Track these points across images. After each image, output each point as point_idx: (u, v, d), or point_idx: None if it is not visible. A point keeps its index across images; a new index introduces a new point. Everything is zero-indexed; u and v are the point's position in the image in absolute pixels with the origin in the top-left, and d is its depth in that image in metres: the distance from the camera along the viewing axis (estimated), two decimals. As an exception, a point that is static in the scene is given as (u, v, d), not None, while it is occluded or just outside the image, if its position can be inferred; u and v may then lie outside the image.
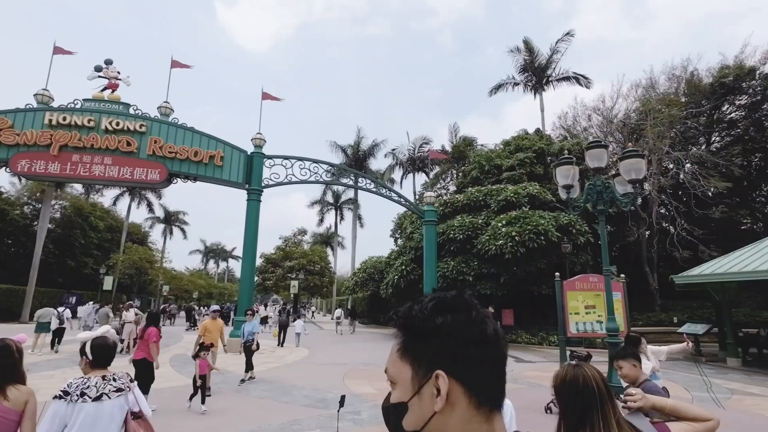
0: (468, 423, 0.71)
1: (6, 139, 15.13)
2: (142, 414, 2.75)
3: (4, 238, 38.60)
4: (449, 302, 0.77)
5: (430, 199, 18.57)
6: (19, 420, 2.53)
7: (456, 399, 0.71)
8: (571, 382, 1.55)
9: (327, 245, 53.96)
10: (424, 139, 36.51)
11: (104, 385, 2.61)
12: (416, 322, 0.77)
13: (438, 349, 0.74)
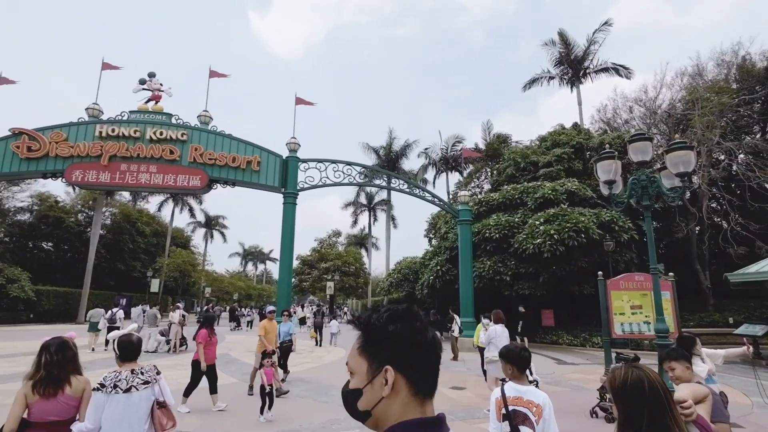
0: (406, 406, 0.94)
1: (62, 152, 16.18)
2: (167, 403, 3.10)
3: (61, 244, 41.25)
4: (400, 314, 1.00)
5: (465, 198, 18.35)
6: (78, 405, 2.96)
7: (399, 388, 0.94)
8: (635, 384, 1.46)
9: (361, 246, 54.38)
10: (456, 138, 36.12)
11: (133, 378, 2.97)
12: (373, 329, 0.99)
13: (389, 350, 0.96)
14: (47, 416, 2.87)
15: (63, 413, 2.91)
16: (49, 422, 2.87)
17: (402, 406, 0.94)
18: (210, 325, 7.85)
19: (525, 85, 32.66)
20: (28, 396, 2.87)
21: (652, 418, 1.40)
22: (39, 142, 16.16)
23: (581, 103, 30.06)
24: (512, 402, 2.71)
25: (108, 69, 18.31)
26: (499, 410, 2.74)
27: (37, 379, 2.89)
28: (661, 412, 1.40)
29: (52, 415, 2.88)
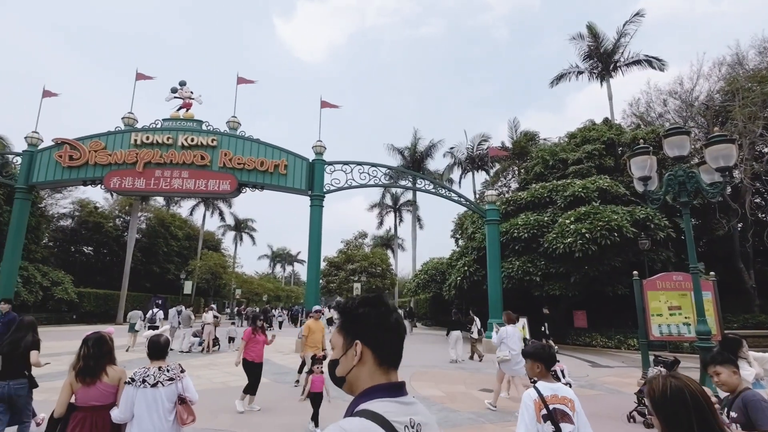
0: (373, 374, 1.17)
1: (100, 160, 16.92)
2: (188, 399, 3.44)
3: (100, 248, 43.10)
4: (369, 300, 1.24)
5: (492, 197, 18.10)
6: (115, 392, 3.38)
7: (366, 358, 1.18)
8: (675, 395, 1.41)
9: (387, 247, 54.41)
10: (482, 137, 35.67)
11: (160, 374, 3.32)
12: (348, 311, 1.24)
13: (358, 328, 1.21)
14: (89, 401, 3.31)
15: (102, 399, 3.34)
16: (90, 406, 3.30)
17: (369, 373, 1.17)
18: (254, 323, 7.83)
19: (552, 81, 31.96)
20: (72, 384, 3.33)
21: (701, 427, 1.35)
22: (80, 151, 16.95)
23: (612, 98, 29.16)
24: (550, 400, 2.70)
25: (142, 79, 19.03)
26: (538, 411, 2.68)
27: (78, 369, 3.35)
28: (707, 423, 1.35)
29: (93, 400, 3.31)
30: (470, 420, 6.98)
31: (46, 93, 18.32)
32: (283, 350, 15.99)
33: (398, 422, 1.08)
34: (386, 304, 1.23)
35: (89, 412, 3.29)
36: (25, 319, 5.21)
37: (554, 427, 2.62)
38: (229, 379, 10.21)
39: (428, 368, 12.36)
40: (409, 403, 1.17)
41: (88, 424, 3.24)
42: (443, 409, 7.65)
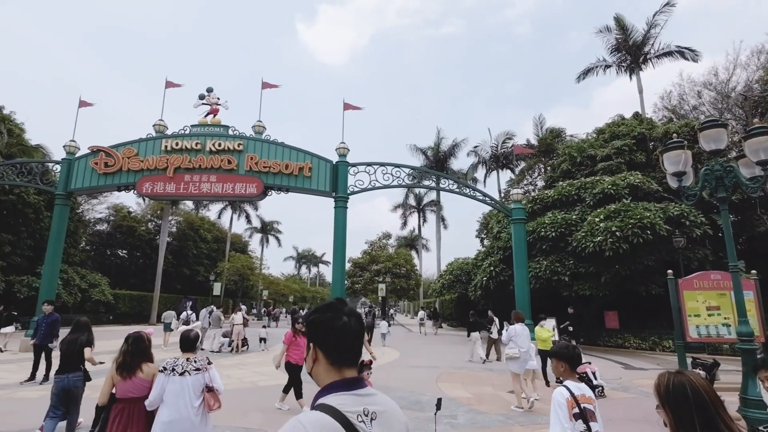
0: (328, 372, 1.31)
1: (133, 166, 17.52)
2: (214, 388, 3.76)
3: (134, 251, 44.65)
4: (320, 308, 1.39)
5: (518, 196, 17.80)
6: (149, 386, 3.71)
7: (320, 359, 1.32)
8: (677, 389, 1.48)
9: (411, 248, 54.28)
10: (507, 135, 35.11)
11: (188, 364, 3.67)
12: (306, 317, 1.42)
13: (312, 332, 1.36)
14: (127, 393, 3.73)
15: (138, 391, 3.73)
16: (128, 398, 3.72)
17: (325, 371, 1.31)
18: (294, 324, 7.77)
19: (578, 76, 31.18)
20: (114, 377, 3.79)
21: (702, 423, 1.40)
22: (114, 158, 17.60)
23: (642, 91, 28.21)
24: (580, 399, 2.75)
25: (171, 87, 19.60)
26: (571, 409, 2.71)
27: (118, 364, 3.81)
28: (709, 418, 1.40)
29: (131, 393, 3.73)
30: (499, 422, 6.88)
31: (82, 103, 19.10)
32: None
33: (350, 412, 1.22)
34: (335, 310, 1.34)
35: (127, 403, 3.71)
36: (81, 319, 5.82)
37: (585, 425, 2.67)
38: (258, 379, 10.40)
39: (455, 369, 12.26)
40: (365, 395, 1.30)
41: (126, 414, 3.66)
42: (470, 410, 7.57)
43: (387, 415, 1.31)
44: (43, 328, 9.70)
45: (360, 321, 1.37)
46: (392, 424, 1.32)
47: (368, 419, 1.24)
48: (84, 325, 5.72)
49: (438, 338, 24.63)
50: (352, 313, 1.36)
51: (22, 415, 6.89)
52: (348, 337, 1.32)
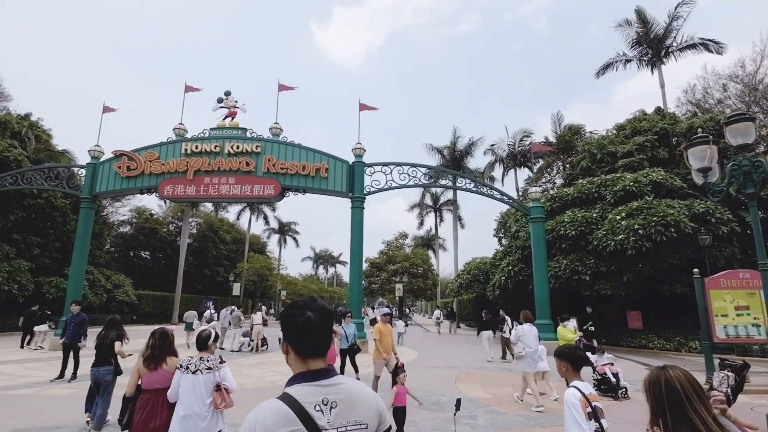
0: (296, 363, 1.44)
1: (155, 169, 17.93)
2: (225, 387, 3.90)
3: (156, 253, 45.64)
4: (289, 305, 1.53)
5: (536, 194, 17.57)
6: (172, 378, 3.94)
7: (290, 351, 1.45)
8: (653, 382, 1.64)
9: (428, 248, 54.10)
10: (524, 132, 34.67)
11: (200, 363, 3.85)
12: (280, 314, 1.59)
13: (282, 327, 1.50)
14: (153, 384, 4.02)
15: (162, 383, 3.99)
16: (154, 389, 4.00)
17: (294, 362, 1.45)
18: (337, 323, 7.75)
19: (598, 71, 30.58)
20: (140, 370, 4.12)
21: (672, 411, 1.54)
22: (136, 161, 18.05)
23: (664, 85, 27.50)
24: (591, 398, 2.82)
25: (190, 91, 19.99)
26: (585, 409, 2.74)
27: (145, 357, 4.12)
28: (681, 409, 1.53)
29: (156, 384, 4.01)
30: (519, 423, 6.80)
31: (106, 108, 19.64)
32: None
33: (308, 402, 1.33)
34: (299, 307, 1.45)
35: (152, 394, 3.98)
36: (113, 317, 6.35)
37: (598, 424, 2.74)
38: (278, 378, 10.51)
39: (474, 369, 12.17)
40: (327, 385, 1.39)
41: (152, 404, 3.94)
42: (490, 411, 7.50)
43: (348, 403, 1.39)
44: (72, 328, 9.99)
45: (325, 316, 1.44)
46: (357, 411, 1.39)
47: (327, 408, 1.35)
48: (115, 321, 6.22)
49: (455, 338, 24.50)
50: (319, 309, 1.44)
51: (50, 412, 7.12)
52: (310, 331, 1.41)
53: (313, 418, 1.31)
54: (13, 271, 22.85)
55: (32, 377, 10.34)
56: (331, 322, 1.50)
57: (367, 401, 1.43)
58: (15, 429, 6.13)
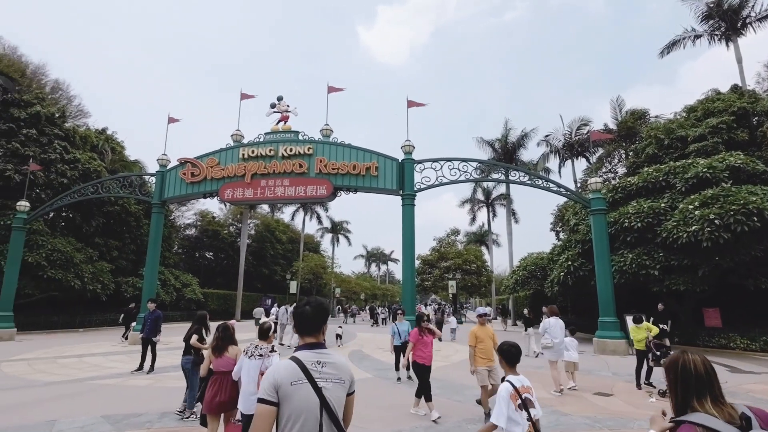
0: (301, 338, 2.14)
1: (215, 174, 18.95)
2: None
3: (219, 253, 48.27)
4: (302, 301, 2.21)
5: (596, 185, 16.66)
6: (233, 362, 4.70)
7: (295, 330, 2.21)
8: (672, 363, 1.77)
9: (481, 244, 52.99)
10: (581, 121, 32.91)
11: (255, 350, 4.46)
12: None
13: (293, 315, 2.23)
14: (219, 367, 4.83)
15: (226, 366, 4.77)
16: (220, 371, 4.79)
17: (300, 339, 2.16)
18: (419, 323, 7.34)
19: (662, 50, 28.38)
20: (210, 356, 5.01)
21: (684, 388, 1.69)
22: (199, 168, 19.17)
23: (741, 61, 25.02)
24: (522, 391, 3.22)
25: (245, 98, 20.91)
26: (515, 401, 3.17)
27: (212, 347, 5.02)
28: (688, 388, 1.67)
29: (221, 367, 4.80)
30: (585, 425, 6.49)
31: (171, 119, 21.02)
32: (383, 346, 16.42)
33: (308, 361, 2.03)
34: (301, 304, 2.19)
35: (219, 375, 4.77)
36: (199, 314, 7.02)
37: (527, 414, 3.14)
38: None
39: (534, 369, 11.78)
40: (320, 353, 2.10)
41: (219, 382, 4.73)
42: (554, 412, 7.22)
43: (333, 365, 2.09)
44: (149, 324, 10.81)
45: (318, 309, 2.17)
46: (339, 371, 2.10)
47: (319, 366, 2.05)
48: (198, 318, 6.92)
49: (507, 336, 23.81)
50: (313, 304, 2.18)
51: (132, 401, 7.74)
52: (304, 318, 2.14)
53: (311, 371, 2.01)
54: (97, 272, 25.09)
55: (115, 368, 11.31)
56: (323, 313, 2.18)
57: (345, 368, 2.15)
58: (104, 415, 6.73)
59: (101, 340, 18.71)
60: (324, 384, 2.01)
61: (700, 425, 1.54)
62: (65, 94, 34.47)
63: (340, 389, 2.06)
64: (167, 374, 10.16)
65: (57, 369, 11.23)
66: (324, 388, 2.00)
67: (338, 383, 2.06)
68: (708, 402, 1.61)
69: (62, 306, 24.75)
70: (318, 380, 1.99)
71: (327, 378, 2.03)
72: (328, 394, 1.99)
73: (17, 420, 6.44)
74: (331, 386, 2.03)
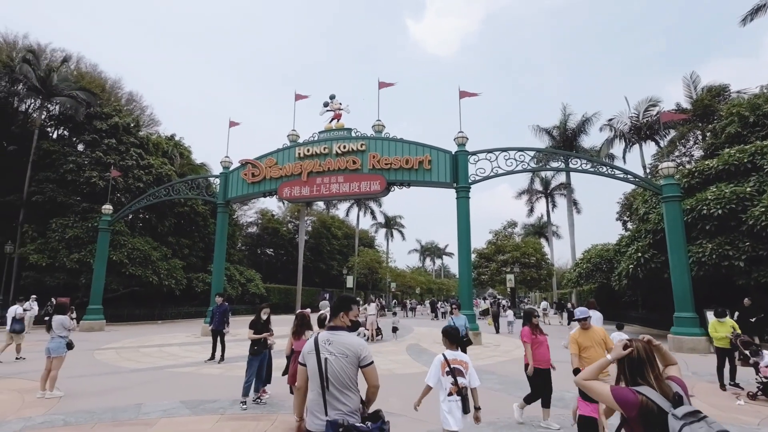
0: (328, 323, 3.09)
1: (274, 174, 19.72)
2: None
3: (278, 250, 50.29)
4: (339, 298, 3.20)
5: (669, 169, 15.40)
6: None
7: None
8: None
9: (540, 236, 51.07)
10: (649, 101, 30.52)
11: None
12: None
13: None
14: (298, 348, 5.79)
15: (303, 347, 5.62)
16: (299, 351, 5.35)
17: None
18: (530, 320, 6.32)
19: (744, 17, 25.54)
20: (291, 339, 6.50)
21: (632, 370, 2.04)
22: (259, 168, 20.04)
23: (843, 22, 21.97)
24: (452, 362, 4.22)
25: (299, 99, 21.52)
26: (443, 369, 4.22)
27: (293, 331, 6.45)
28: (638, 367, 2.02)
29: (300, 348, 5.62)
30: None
31: (231, 123, 22.12)
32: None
33: (321, 339, 2.81)
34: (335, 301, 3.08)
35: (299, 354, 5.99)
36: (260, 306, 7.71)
37: (453, 378, 4.14)
38: (394, 367, 10.84)
39: (601, 366, 11.17)
40: (333, 334, 2.83)
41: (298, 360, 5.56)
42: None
43: (339, 342, 2.77)
44: (217, 317, 11.50)
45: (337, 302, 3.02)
46: (343, 345, 2.76)
47: (327, 343, 2.78)
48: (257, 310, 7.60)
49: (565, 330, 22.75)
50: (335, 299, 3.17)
51: (207, 388, 8.29)
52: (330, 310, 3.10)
53: (320, 346, 2.79)
54: (171, 269, 27.09)
55: (190, 358, 12.16)
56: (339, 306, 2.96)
57: (352, 345, 2.77)
58: (182, 400, 7.26)
59: (176, 331, 20.21)
60: (328, 356, 2.72)
61: (643, 395, 1.89)
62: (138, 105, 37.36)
63: (343, 360, 2.70)
64: (236, 364, 10.76)
65: (140, 357, 12.28)
66: (327, 360, 2.71)
67: (341, 356, 2.71)
68: (651, 379, 1.97)
69: (142, 300, 27.00)
70: (322, 353, 2.74)
71: (331, 352, 2.73)
72: (330, 363, 2.70)
73: (111, 402, 7.12)
74: (334, 358, 2.70)
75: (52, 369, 7.49)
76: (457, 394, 4.09)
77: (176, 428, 5.80)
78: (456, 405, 4.08)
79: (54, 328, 7.66)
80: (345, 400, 2.67)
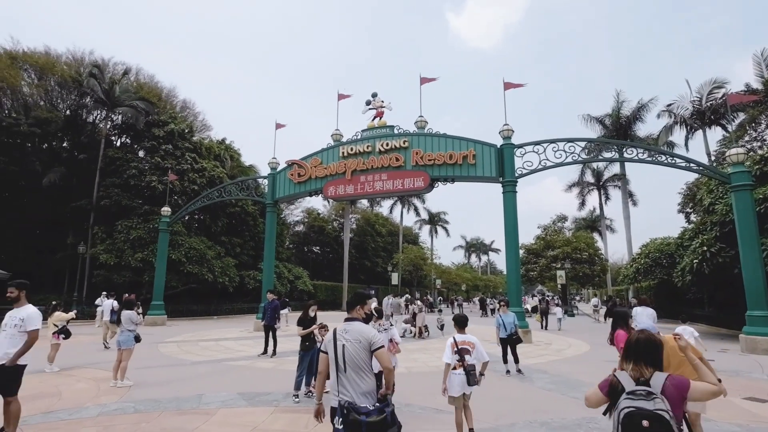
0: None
1: (319, 173, 20.13)
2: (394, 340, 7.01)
3: (324, 248, 51.35)
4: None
5: (738, 156, 14.19)
6: None
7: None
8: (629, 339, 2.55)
9: (593, 230, 48.85)
10: (714, 83, 28.23)
11: (380, 327, 6.79)
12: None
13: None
14: None
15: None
16: None
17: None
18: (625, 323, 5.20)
19: (825, -15, 23.07)
20: None
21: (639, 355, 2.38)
22: (304, 168, 20.54)
23: None
24: (460, 343, 5.06)
25: (342, 98, 21.80)
26: (452, 349, 5.04)
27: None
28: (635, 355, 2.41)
29: None
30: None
31: (278, 125, 22.80)
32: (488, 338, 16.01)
33: (340, 329, 3.28)
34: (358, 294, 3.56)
35: None
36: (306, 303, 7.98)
37: (459, 357, 4.97)
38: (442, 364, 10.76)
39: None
40: (349, 324, 3.29)
41: None
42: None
43: (353, 331, 3.22)
44: (269, 312, 11.93)
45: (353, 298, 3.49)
46: (357, 333, 3.20)
47: (343, 332, 3.24)
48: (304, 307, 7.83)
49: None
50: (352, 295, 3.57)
51: (261, 381, 8.63)
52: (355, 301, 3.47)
53: (337, 335, 3.24)
54: (224, 267, 28.40)
55: (244, 352, 12.70)
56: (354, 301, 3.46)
57: (364, 333, 3.21)
58: (239, 392, 7.60)
59: (231, 326, 21.19)
60: (345, 342, 3.19)
61: (615, 377, 2.37)
62: (192, 111, 39.42)
63: (357, 345, 3.16)
64: (287, 358, 11.11)
65: (199, 350, 12.98)
66: (344, 345, 3.17)
67: (355, 342, 3.17)
68: (630, 365, 2.38)
69: (199, 296, 28.52)
70: (338, 341, 3.22)
71: (347, 339, 3.20)
72: (346, 348, 3.16)
73: (175, 392, 7.59)
74: (349, 344, 3.17)
75: (123, 360, 8.09)
76: (462, 369, 4.93)
77: (235, 419, 6.08)
78: (458, 378, 4.95)
79: (123, 322, 8.27)
80: (359, 381, 3.10)
